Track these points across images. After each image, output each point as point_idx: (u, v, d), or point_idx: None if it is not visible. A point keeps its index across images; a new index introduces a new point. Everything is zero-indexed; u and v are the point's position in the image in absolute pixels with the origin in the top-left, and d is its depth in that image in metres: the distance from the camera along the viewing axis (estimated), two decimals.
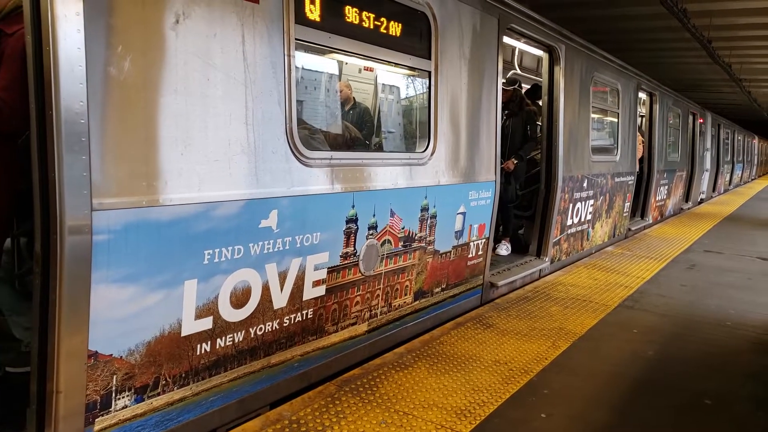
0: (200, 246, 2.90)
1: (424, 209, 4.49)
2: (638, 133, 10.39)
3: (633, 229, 10.51)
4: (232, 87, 3.00)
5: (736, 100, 27.13)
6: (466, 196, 5.04)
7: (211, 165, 2.91)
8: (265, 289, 3.29)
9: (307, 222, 3.48)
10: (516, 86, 7.37)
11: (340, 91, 5.21)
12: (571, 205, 7.50)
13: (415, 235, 4.44)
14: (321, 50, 3.94)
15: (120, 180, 2.55)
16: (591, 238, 8.48)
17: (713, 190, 20.26)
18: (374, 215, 4.00)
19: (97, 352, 2.54)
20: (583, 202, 7.91)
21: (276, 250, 3.30)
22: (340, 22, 3.70)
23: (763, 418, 3.42)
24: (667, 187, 12.89)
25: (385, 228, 4.12)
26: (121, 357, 2.64)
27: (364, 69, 5.49)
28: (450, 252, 4.94)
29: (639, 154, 10.53)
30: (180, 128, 2.77)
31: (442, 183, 4.66)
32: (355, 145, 4.56)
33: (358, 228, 3.87)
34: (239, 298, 3.15)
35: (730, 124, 24.56)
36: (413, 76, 4.86)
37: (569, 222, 7.57)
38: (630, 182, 9.92)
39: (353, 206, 3.81)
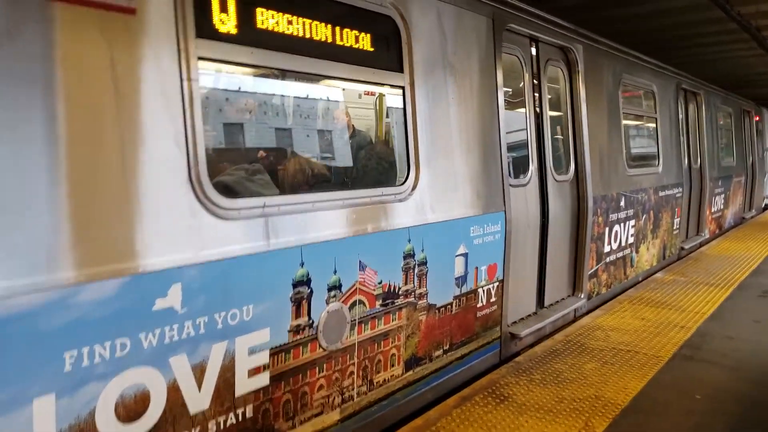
0: (57, 347, 2.11)
1: (409, 255, 3.60)
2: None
3: (686, 247, 9.24)
4: (98, 126, 2.23)
5: None
6: (467, 233, 4.12)
7: None
8: (173, 390, 2.46)
9: (231, 294, 2.65)
10: None
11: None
12: (606, 228, 6.44)
13: (399, 289, 3.55)
14: (254, 69, 3.17)
15: None
16: (635, 264, 7.34)
17: None
18: (335, 272, 3.13)
19: None
20: (622, 224, 6.82)
21: (184, 336, 2.47)
22: (267, 34, 2.91)
23: None
24: (723, 195, 11.52)
25: (354, 286, 3.24)
26: None
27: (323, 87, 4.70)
28: (451, 304, 4.01)
29: None
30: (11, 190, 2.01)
31: (431, 220, 3.77)
32: (314, 182, 3.74)
33: (312, 292, 3.01)
34: (131, 409, 2.32)
35: None
36: (385, 93, 4.03)
37: (606, 249, 6.49)
38: (678, 195, 8.73)
39: (302, 264, 2.96)
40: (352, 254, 3.20)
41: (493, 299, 4.48)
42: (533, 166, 5.28)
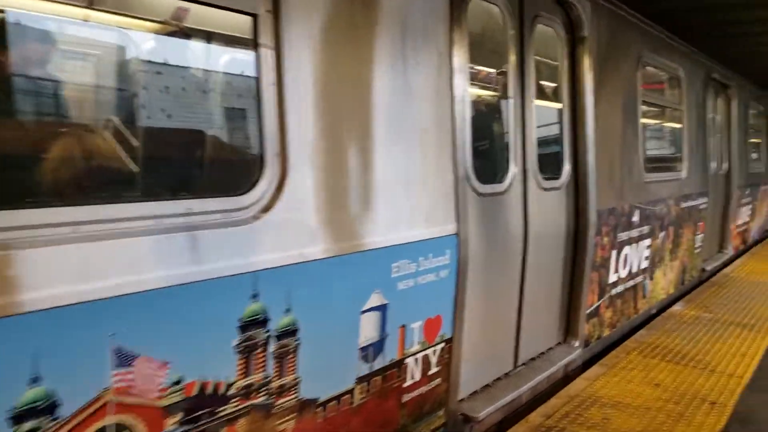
0: None
1: (255, 324, 2.04)
2: None
3: (708, 269, 7.66)
4: None
5: None
6: (385, 274, 2.57)
7: None
8: None
9: None
10: None
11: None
12: (614, 252, 4.87)
13: (231, 386, 2.00)
14: None
15: None
16: (649, 294, 5.77)
17: None
18: (36, 381, 1.57)
19: None
20: (635, 245, 5.25)
21: None
22: None
23: None
24: (750, 206, 9.90)
25: (101, 399, 1.68)
26: None
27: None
28: (351, 392, 2.47)
29: None
30: None
31: (312, 256, 2.21)
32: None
33: None
34: None
35: None
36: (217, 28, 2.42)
37: (613, 278, 4.93)
38: (703, 206, 7.13)
39: None
40: (97, 334, 1.64)
41: (434, 370, 2.94)
42: (515, 168, 3.72)
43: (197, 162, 2.33)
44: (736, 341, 4.83)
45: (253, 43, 2.01)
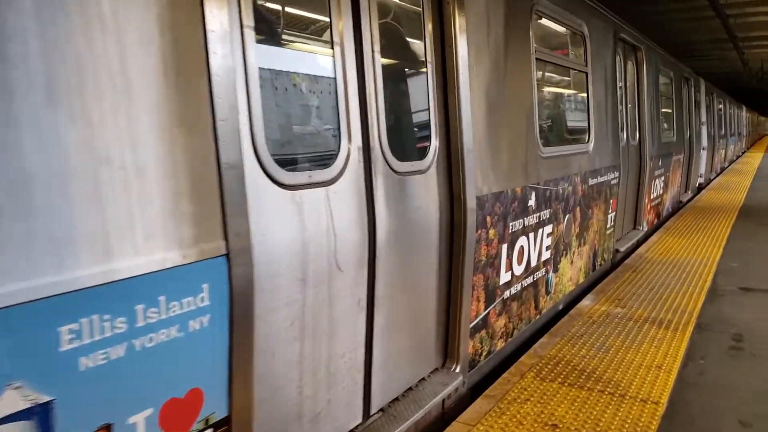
0: None
1: None
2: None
3: (622, 249, 6.98)
4: None
5: (723, 67, 24.02)
6: (41, 346, 1.41)
7: None
8: None
9: None
10: None
11: None
12: (504, 246, 3.92)
13: None
14: None
15: None
16: (554, 289, 4.92)
17: (711, 171, 16.93)
18: None
19: None
20: (532, 234, 4.34)
21: None
22: None
23: None
24: (663, 178, 9.39)
25: None
26: None
27: None
28: None
29: None
30: None
31: None
32: None
33: None
34: None
35: (722, 93, 21.27)
36: None
37: (505, 278, 3.99)
38: (614, 181, 6.38)
39: None
40: None
41: None
42: (349, 145, 2.63)
43: None
44: (651, 347, 4.02)
45: None
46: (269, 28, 2.52)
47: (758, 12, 12.80)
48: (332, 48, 2.58)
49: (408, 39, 3.41)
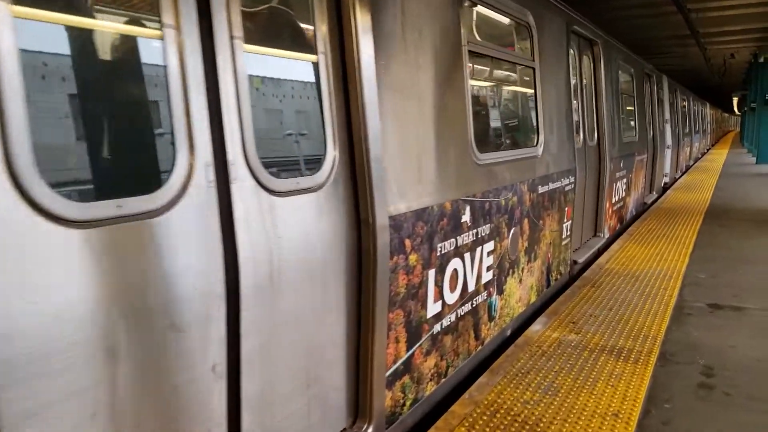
0: None
1: None
2: None
3: (581, 261, 6.43)
4: None
5: (685, 64, 24.03)
6: None
7: None
8: None
9: None
10: None
11: None
12: (432, 272, 3.28)
13: None
14: None
15: None
16: (498, 314, 4.30)
17: (676, 170, 16.69)
18: None
19: None
20: (468, 255, 3.71)
21: None
22: None
23: None
24: (624, 180, 8.92)
25: None
26: None
27: None
28: None
29: None
30: None
31: None
32: None
33: None
34: None
35: (685, 90, 21.14)
36: None
37: (433, 309, 3.35)
38: (568, 187, 5.82)
39: None
40: None
41: None
42: (187, 160, 1.95)
43: None
44: (607, 387, 3.42)
45: None
46: None
47: (720, 6, 12.56)
48: (161, 30, 1.90)
49: (299, 24, 2.75)
